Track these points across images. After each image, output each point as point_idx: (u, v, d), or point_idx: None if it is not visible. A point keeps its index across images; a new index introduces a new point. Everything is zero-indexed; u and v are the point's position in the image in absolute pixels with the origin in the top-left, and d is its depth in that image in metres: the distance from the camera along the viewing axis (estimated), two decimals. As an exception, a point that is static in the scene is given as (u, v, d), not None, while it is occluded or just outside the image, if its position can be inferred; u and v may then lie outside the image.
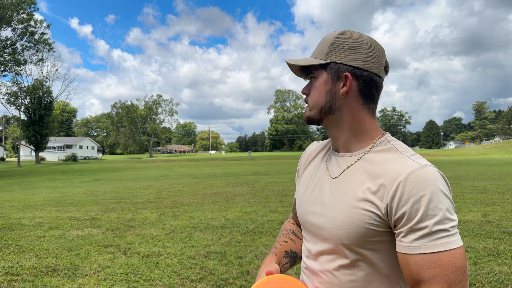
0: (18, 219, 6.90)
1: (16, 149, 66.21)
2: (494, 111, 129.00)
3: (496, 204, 7.30)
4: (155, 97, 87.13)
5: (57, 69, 49.98)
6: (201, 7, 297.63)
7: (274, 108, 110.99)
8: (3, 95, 44.51)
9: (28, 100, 46.05)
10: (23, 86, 45.56)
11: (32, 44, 41.62)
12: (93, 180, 19.94)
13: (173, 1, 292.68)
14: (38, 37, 41.72)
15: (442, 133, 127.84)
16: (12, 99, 45.13)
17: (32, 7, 39.30)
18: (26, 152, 67.98)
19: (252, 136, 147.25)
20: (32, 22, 39.94)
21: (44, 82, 47.71)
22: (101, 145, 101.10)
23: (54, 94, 49.48)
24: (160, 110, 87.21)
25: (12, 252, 4.65)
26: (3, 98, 44.62)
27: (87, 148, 78.88)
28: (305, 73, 0.94)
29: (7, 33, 56.10)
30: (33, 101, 46.14)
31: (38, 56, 44.39)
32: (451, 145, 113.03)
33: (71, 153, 62.00)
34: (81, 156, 70.21)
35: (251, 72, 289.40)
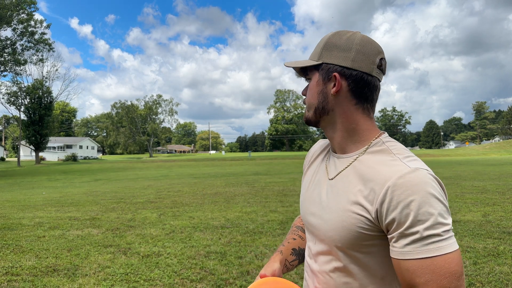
0: (18, 219, 6.90)
1: (16, 149, 66.22)
2: (494, 111, 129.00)
3: (496, 204, 7.30)
4: (155, 97, 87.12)
5: (57, 69, 50.01)
6: (201, 7, 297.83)
7: (274, 108, 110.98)
8: (3, 95, 44.57)
9: (28, 100, 46.06)
10: (23, 86, 45.57)
11: (32, 44, 41.62)
12: (93, 180, 19.94)
13: (173, 1, 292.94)
14: (38, 37, 41.73)
15: (442, 133, 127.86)
16: (12, 99, 45.14)
17: (32, 7, 39.33)
18: (26, 152, 67.99)
19: (252, 136, 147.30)
20: (32, 22, 39.94)
21: (44, 82, 47.71)
22: (101, 145, 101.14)
23: (54, 94, 49.55)
24: (160, 110, 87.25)
25: (12, 252, 4.65)
26: (3, 98, 44.69)
27: (87, 148, 78.86)
28: (304, 75, 0.95)
29: (7, 33, 56.18)
30: (33, 101, 46.15)
31: (38, 56, 44.41)
32: (451, 145, 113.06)
33: (71, 153, 61.99)
34: (81, 156, 70.21)
35: (251, 72, 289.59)
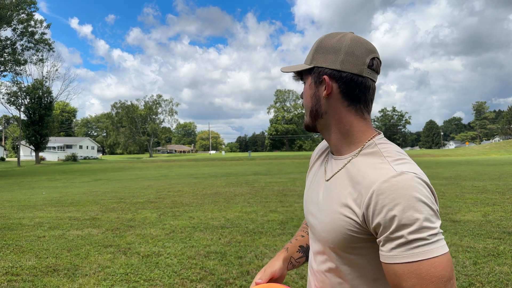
0: (18, 219, 6.90)
1: (16, 149, 66.20)
2: (494, 111, 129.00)
3: (496, 204, 7.30)
4: (155, 97, 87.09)
5: (57, 69, 49.99)
6: (201, 7, 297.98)
7: (274, 108, 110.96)
8: (3, 95, 44.55)
9: (28, 100, 46.05)
10: (23, 86, 45.54)
11: (32, 44, 41.60)
12: (93, 180, 19.94)
13: (173, 1, 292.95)
14: (38, 37, 41.71)
15: (442, 133, 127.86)
16: (12, 99, 45.12)
17: (32, 7, 39.32)
18: (26, 152, 67.99)
19: (252, 136, 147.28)
20: (32, 22, 39.91)
21: (44, 82, 47.69)
22: (101, 145, 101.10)
23: (54, 94, 49.52)
24: (160, 110, 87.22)
25: (12, 252, 4.65)
26: (3, 98, 44.65)
27: (87, 148, 78.86)
28: (300, 78, 0.95)
29: (7, 33, 56.20)
30: (33, 101, 46.14)
31: (38, 56, 44.39)
32: (451, 145, 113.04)
33: (71, 153, 61.98)
34: (81, 156, 70.20)
35: (251, 72, 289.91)
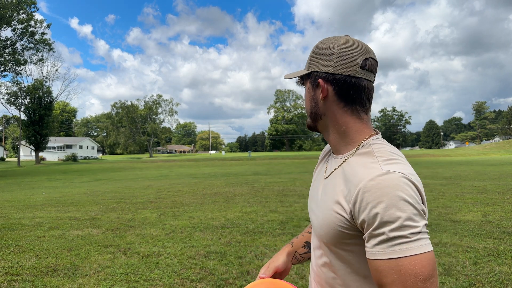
0: (18, 219, 6.90)
1: (16, 149, 66.19)
2: (494, 111, 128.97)
3: (496, 204, 7.30)
4: (155, 97, 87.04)
5: (57, 69, 49.97)
6: (201, 7, 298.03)
7: (274, 108, 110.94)
8: (3, 95, 44.55)
9: (28, 100, 46.05)
10: (23, 86, 45.55)
11: (32, 44, 41.59)
12: (93, 180, 19.93)
13: (173, 1, 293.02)
14: (38, 37, 41.69)
15: (442, 133, 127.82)
16: (12, 99, 45.13)
17: (32, 7, 39.30)
18: (26, 152, 67.98)
19: (252, 136, 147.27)
20: (32, 22, 39.89)
21: (44, 82, 47.70)
22: (101, 145, 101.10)
23: (54, 94, 49.53)
24: (160, 110, 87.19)
25: (12, 252, 4.65)
26: (3, 98, 44.66)
27: (87, 148, 78.86)
28: (302, 83, 1.00)
29: (7, 33, 56.21)
30: (33, 101, 46.14)
31: (38, 56, 44.40)
32: (451, 145, 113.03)
33: (71, 153, 62.01)
34: (81, 156, 70.21)
35: (251, 72, 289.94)
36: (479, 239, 4.77)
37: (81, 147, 76.16)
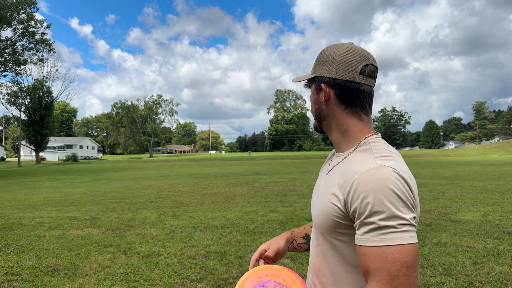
0: (18, 219, 6.91)
1: (16, 149, 66.20)
2: (494, 111, 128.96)
3: (496, 204, 7.30)
4: (155, 97, 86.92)
5: (57, 69, 50.00)
6: (202, 7, 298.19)
7: (274, 108, 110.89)
8: (4, 95, 44.53)
9: (28, 100, 46.05)
10: (23, 86, 45.55)
11: (33, 44, 41.56)
12: (93, 180, 19.94)
13: (174, 1, 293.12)
14: (39, 37, 41.67)
15: (442, 133, 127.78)
16: (12, 99, 45.12)
17: (33, 7, 39.28)
18: (26, 152, 67.97)
19: (252, 136, 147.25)
20: (32, 22, 39.86)
21: (44, 82, 47.70)
22: (101, 145, 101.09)
23: (54, 94, 49.53)
24: (160, 110, 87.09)
25: (12, 252, 4.66)
26: (3, 98, 44.64)
27: (87, 148, 78.86)
28: (308, 86, 1.08)
29: (8, 33, 56.23)
30: (33, 101, 46.14)
31: (38, 56, 44.37)
32: (451, 145, 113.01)
33: (71, 153, 61.98)
34: (81, 156, 70.20)
35: (251, 72, 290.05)
36: (479, 239, 4.77)
37: (81, 147, 76.15)
